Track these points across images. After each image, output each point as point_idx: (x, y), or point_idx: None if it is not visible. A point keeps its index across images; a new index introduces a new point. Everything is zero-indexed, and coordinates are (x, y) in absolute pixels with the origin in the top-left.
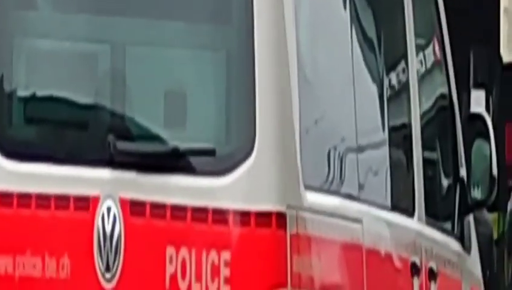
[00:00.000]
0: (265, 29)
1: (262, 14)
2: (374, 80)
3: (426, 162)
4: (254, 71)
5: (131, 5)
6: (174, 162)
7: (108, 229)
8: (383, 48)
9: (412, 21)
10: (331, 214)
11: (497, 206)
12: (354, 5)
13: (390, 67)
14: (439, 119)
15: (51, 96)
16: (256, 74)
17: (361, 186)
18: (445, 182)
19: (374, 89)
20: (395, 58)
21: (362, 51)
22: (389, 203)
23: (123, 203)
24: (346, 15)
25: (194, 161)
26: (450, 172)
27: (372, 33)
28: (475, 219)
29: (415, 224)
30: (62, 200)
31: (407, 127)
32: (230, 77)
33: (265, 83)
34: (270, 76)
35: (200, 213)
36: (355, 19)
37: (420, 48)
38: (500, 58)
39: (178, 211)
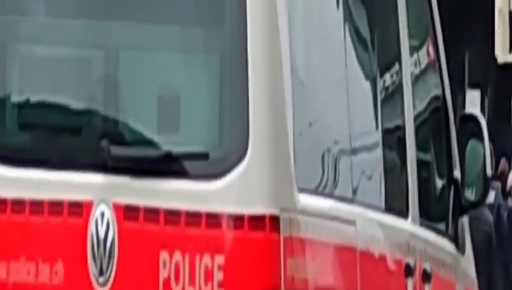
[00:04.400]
0: (258, 32)
1: (255, 18)
2: (367, 81)
3: (420, 164)
4: (247, 75)
5: (124, 9)
6: (167, 166)
7: (101, 234)
8: (377, 49)
9: (405, 22)
10: (325, 216)
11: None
12: (347, 6)
13: (384, 69)
14: (433, 120)
15: (44, 101)
16: (249, 78)
17: (355, 189)
18: (439, 183)
19: (367, 90)
20: (388, 59)
21: (356, 52)
22: (382, 205)
23: (116, 208)
24: (339, 17)
25: (188, 165)
26: (444, 173)
27: (365, 35)
28: (474, 217)
29: (409, 225)
30: (55, 206)
31: (400, 128)
32: (223, 81)
33: (258, 87)
34: (264, 79)
35: (193, 217)
36: (349, 20)
37: (414, 49)
38: (495, 58)
39: (171, 215)
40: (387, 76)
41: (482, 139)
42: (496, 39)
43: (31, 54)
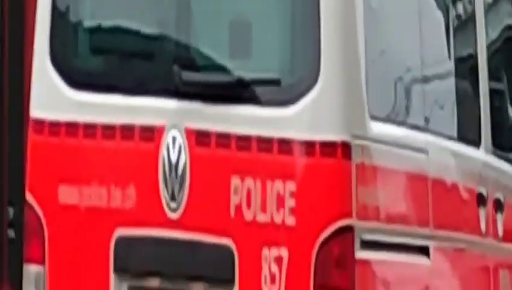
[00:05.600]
0: None
1: None
2: (439, 9)
3: (492, 93)
4: (319, 1)
5: None
6: (239, 92)
7: (173, 159)
8: None
9: None
10: (397, 144)
11: None
12: None
13: None
14: (505, 49)
15: (116, 26)
16: (321, 4)
17: (427, 117)
18: (511, 112)
19: (440, 19)
20: None
21: None
22: (455, 133)
23: (188, 133)
24: None
25: (259, 91)
26: None
27: None
28: None
29: (481, 155)
30: (127, 131)
31: (473, 57)
32: (295, 7)
33: (330, 13)
34: (336, 6)
35: (265, 143)
36: None
37: None
38: None
39: (243, 141)
40: (459, 4)
41: None
42: None
43: None
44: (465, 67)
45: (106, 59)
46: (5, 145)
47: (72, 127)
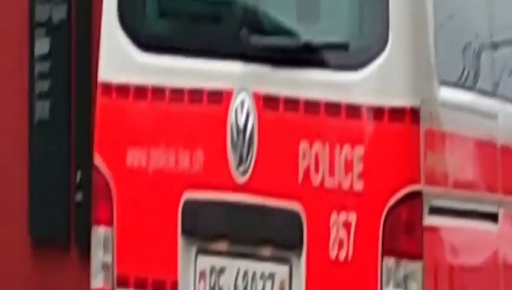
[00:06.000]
0: None
1: None
2: None
3: None
4: None
5: None
6: (307, 56)
7: (241, 123)
8: None
9: None
10: (466, 110)
11: None
12: None
13: None
14: None
15: None
16: None
17: (496, 82)
18: None
19: None
20: None
21: None
22: None
23: (256, 97)
24: None
25: (327, 55)
26: None
27: None
28: None
29: None
30: (195, 94)
31: None
32: None
33: None
34: None
35: (333, 108)
36: None
37: None
38: None
39: (311, 105)
40: None
41: None
42: None
43: None
44: None
45: (175, 22)
46: (73, 109)
47: (140, 90)
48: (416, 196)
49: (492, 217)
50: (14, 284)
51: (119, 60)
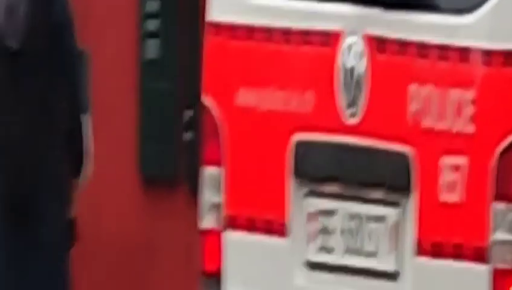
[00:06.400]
0: None
1: None
2: None
3: None
4: None
5: None
6: None
7: (352, 65)
8: None
9: None
10: None
11: None
12: None
13: None
14: None
15: None
16: None
17: None
18: None
19: None
20: None
21: None
22: None
23: (367, 39)
24: None
25: None
26: None
27: None
28: None
29: None
30: (305, 35)
31: None
32: None
33: None
34: None
35: (443, 51)
36: None
37: None
38: None
39: (422, 48)
40: None
41: None
42: None
43: None
44: None
45: None
46: (178, 49)
47: (249, 31)
48: None
49: None
50: (124, 221)
51: (229, 0)
